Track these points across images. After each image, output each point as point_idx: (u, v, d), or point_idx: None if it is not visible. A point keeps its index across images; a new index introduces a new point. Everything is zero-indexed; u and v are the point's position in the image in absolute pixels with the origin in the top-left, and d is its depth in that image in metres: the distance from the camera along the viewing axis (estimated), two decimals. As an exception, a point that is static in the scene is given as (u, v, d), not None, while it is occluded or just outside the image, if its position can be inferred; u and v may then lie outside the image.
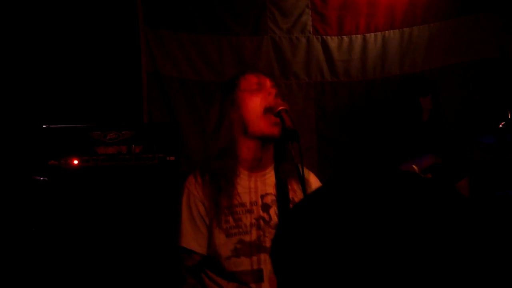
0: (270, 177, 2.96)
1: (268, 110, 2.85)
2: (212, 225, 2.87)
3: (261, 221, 2.90)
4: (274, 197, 2.94)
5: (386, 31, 5.66)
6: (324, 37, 5.62)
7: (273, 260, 1.11)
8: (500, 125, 4.60)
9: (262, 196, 2.97)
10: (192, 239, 2.88)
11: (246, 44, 5.50)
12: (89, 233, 4.37)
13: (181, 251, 2.90)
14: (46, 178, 4.31)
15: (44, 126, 4.40)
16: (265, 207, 2.92)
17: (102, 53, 5.37)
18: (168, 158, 4.56)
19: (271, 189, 2.96)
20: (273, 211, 2.91)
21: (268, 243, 2.88)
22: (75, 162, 4.38)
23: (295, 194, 2.99)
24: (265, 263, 2.85)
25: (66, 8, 5.26)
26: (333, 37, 5.63)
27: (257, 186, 2.98)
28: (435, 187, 1.06)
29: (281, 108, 2.80)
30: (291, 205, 2.97)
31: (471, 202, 1.05)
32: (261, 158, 2.92)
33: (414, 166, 3.46)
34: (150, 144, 4.52)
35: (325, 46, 5.61)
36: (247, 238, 2.84)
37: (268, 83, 2.92)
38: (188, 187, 2.95)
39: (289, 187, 2.98)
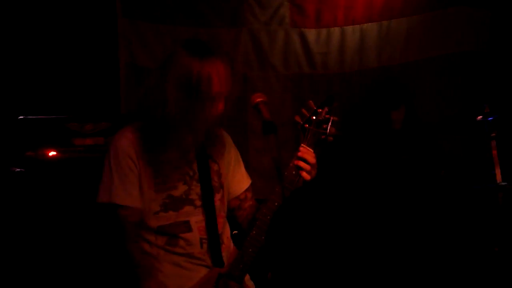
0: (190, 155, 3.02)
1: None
2: (141, 181, 2.89)
3: (187, 177, 2.95)
4: (194, 153, 3.01)
5: (364, 24, 5.71)
6: (302, 29, 5.65)
7: None
8: (478, 119, 4.72)
9: (183, 175, 3.02)
10: (125, 195, 2.87)
11: (224, 36, 5.53)
12: (65, 224, 4.42)
13: (116, 208, 2.87)
14: (22, 170, 4.35)
15: (20, 117, 4.44)
16: (189, 163, 2.98)
17: (79, 44, 5.38)
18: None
19: (188, 167, 3.01)
20: (195, 166, 2.97)
21: (193, 196, 2.94)
22: (52, 153, 4.48)
23: (217, 153, 3.08)
24: (191, 215, 2.92)
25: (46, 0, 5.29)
26: (311, 29, 5.66)
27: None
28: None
29: (258, 100, 2.84)
30: (209, 161, 3.05)
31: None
32: None
33: None
34: None
35: (303, 38, 5.65)
36: (175, 193, 2.89)
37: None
38: (116, 144, 2.94)
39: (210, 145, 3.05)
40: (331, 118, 2.92)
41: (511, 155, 5.10)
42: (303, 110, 3.01)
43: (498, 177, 4.66)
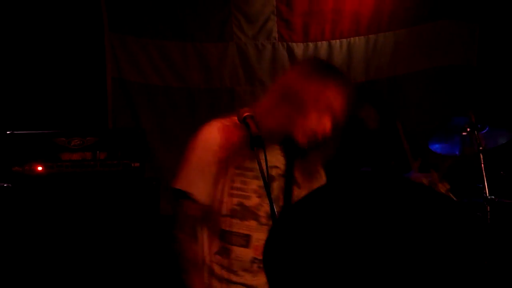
0: (279, 152, 2.95)
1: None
2: (219, 177, 2.91)
3: (262, 190, 2.89)
4: (280, 171, 2.95)
5: (352, 38, 5.80)
6: (290, 43, 5.75)
7: (265, 260, 1.21)
8: (465, 132, 4.73)
9: (270, 167, 2.91)
10: (194, 184, 2.91)
11: (212, 50, 5.60)
12: (52, 240, 4.35)
13: (179, 196, 2.92)
14: (10, 185, 4.31)
15: (8, 132, 4.41)
16: (270, 178, 2.91)
17: (67, 59, 5.47)
18: (132, 165, 4.65)
19: (279, 163, 2.96)
20: (276, 184, 2.94)
21: (261, 212, 2.93)
22: (39, 168, 4.43)
23: (301, 177, 3.03)
24: (254, 231, 2.90)
25: (33, 15, 5.34)
26: (298, 43, 5.76)
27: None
28: (422, 190, 1.19)
29: (246, 114, 2.84)
30: (294, 185, 3.00)
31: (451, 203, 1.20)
32: None
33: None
34: (115, 150, 4.57)
35: (290, 52, 5.72)
36: (247, 203, 2.89)
37: None
38: (205, 133, 2.94)
39: (295, 168, 3.00)
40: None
41: (497, 169, 5.13)
42: None
43: (486, 191, 4.62)
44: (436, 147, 5.13)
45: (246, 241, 2.91)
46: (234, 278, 2.95)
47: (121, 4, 5.60)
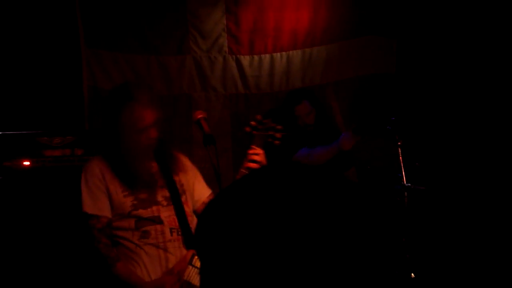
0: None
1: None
2: (110, 192, 3.38)
3: (151, 184, 3.46)
4: (158, 170, 3.49)
5: (290, 51, 6.22)
6: (238, 56, 6.16)
7: (197, 245, 1.28)
8: (388, 128, 5.01)
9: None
10: (94, 206, 3.37)
11: (171, 62, 5.97)
12: (39, 225, 4.80)
13: (88, 218, 3.37)
14: (1, 177, 4.74)
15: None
16: (152, 176, 3.49)
17: (50, 70, 5.76)
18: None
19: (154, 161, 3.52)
20: (158, 176, 3.46)
21: (159, 198, 3.42)
22: (26, 163, 4.82)
23: (172, 166, 3.56)
24: (160, 212, 3.38)
25: (20, 29, 5.65)
26: (245, 56, 6.18)
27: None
28: (331, 179, 1.23)
29: (200, 116, 3.31)
30: (174, 176, 3.52)
31: (361, 188, 1.25)
32: None
33: None
34: (90, 147, 4.96)
35: (238, 63, 6.15)
36: (141, 196, 3.36)
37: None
38: (86, 169, 3.44)
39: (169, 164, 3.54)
40: (275, 126, 3.41)
41: (413, 160, 5.29)
42: (252, 122, 3.47)
43: (404, 179, 4.91)
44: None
45: (158, 219, 3.37)
46: (161, 245, 3.38)
47: (95, 23, 5.81)
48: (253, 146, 3.42)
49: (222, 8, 6.15)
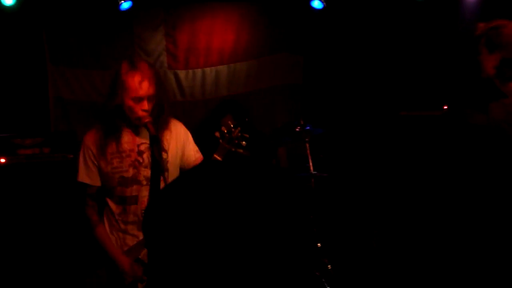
0: (145, 130, 3.42)
1: (136, 119, 3.34)
2: (100, 165, 3.40)
3: (136, 163, 3.45)
4: (147, 145, 3.43)
5: (218, 66, 6.94)
6: (176, 70, 6.83)
7: (144, 228, 1.32)
8: (297, 129, 5.57)
9: (138, 145, 3.44)
10: (86, 176, 3.42)
11: None
12: (15, 215, 5.10)
13: (81, 185, 3.42)
14: None
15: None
16: (140, 153, 3.45)
17: (21, 82, 6.24)
18: (68, 156, 5.37)
19: (145, 139, 3.43)
20: (145, 155, 3.43)
21: (140, 178, 3.41)
22: (3, 160, 5.16)
23: (167, 143, 3.49)
24: (139, 191, 3.42)
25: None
26: (182, 70, 6.83)
27: (135, 138, 3.45)
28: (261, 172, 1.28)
29: (146, 120, 3.29)
30: (162, 153, 3.43)
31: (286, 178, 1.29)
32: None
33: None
34: (56, 146, 5.31)
35: (176, 76, 6.84)
36: (126, 174, 3.39)
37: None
38: (84, 141, 3.44)
39: (161, 138, 3.44)
40: (243, 135, 3.47)
41: (318, 153, 5.90)
42: (223, 128, 3.57)
43: (311, 168, 5.48)
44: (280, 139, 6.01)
45: (135, 200, 3.41)
46: (130, 229, 3.47)
47: (58, 44, 6.36)
48: (216, 156, 3.50)
49: (162, 32, 6.76)
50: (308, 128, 5.58)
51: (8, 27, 6.15)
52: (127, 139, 3.43)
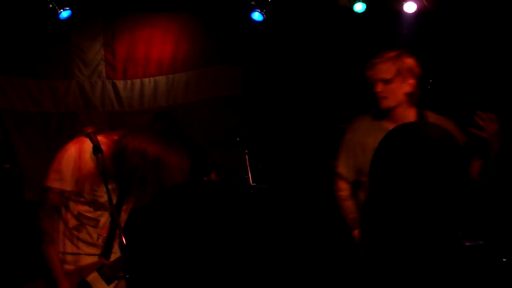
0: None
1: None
2: (78, 180, 3.25)
3: (111, 191, 3.29)
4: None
5: (157, 77, 7.04)
6: (114, 80, 6.91)
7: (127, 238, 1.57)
8: (237, 139, 5.79)
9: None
10: (57, 181, 3.24)
11: (59, 85, 6.64)
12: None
13: (46, 190, 3.25)
14: None
15: None
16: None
17: None
18: (4, 166, 5.66)
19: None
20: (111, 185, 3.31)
21: (102, 200, 3.32)
22: None
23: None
24: (102, 217, 3.37)
25: None
26: (120, 80, 6.92)
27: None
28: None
29: (89, 131, 3.24)
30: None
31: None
32: None
33: None
34: None
35: (114, 86, 6.92)
36: (100, 199, 3.33)
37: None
38: (72, 150, 3.25)
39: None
40: None
41: (256, 165, 6.02)
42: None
43: (250, 179, 5.64)
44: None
45: (96, 223, 3.36)
46: (83, 248, 3.36)
47: None
48: None
49: (101, 41, 6.86)
50: (247, 139, 5.72)
51: None
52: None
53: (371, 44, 6.62)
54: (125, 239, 2.99)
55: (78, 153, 3.25)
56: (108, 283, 3.34)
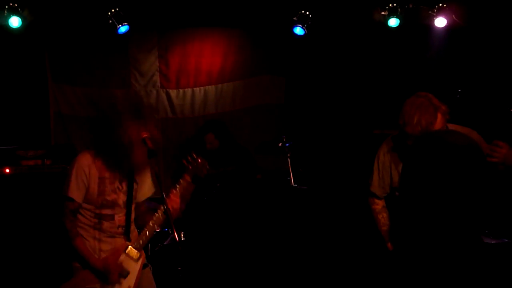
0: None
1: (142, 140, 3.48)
2: (89, 186, 3.53)
3: (117, 189, 3.65)
4: (125, 176, 3.65)
5: (207, 86, 7.37)
6: (167, 90, 7.25)
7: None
8: (280, 144, 6.01)
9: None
10: (75, 192, 3.52)
11: (117, 93, 6.87)
12: (20, 219, 5.26)
13: (66, 199, 3.50)
14: None
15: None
16: (121, 181, 3.66)
17: (25, 99, 6.66)
18: (67, 168, 4.73)
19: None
20: (124, 184, 3.65)
21: (119, 202, 3.61)
22: (7, 170, 5.40)
23: (137, 176, 3.72)
24: (116, 212, 3.63)
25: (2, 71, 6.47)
26: (173, 89, 7.25)
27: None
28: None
29: (145, 135, 3.41)
30: (133, 183, 3.68)
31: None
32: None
33: None
34: (56, 158, 5.56)
35: (168, 95, 7.26)
36: (108, 197, 3.60)
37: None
38: (78, 161, 3.52)
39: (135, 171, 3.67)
40: (203, 162, 3.79)
41: (298, 168, 6.22)
42: (188, 157, 3.80)
43: (292, 181, 5.89)
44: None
45: (112, 218, 3.63)
46: (104, 238, 3.64)
47: (59, 63, 6.77)
48: (186, 175, 3.83)
49: (156, 54, 7.19)
50: (289, 144, 5.95)
51: (13, 48, 6.54)
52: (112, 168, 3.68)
53: (404, 56, 7.07)
54: (177, 236, 3.33)
55: (87, 162, 3.49)
56: (136, 262, 3.64)
